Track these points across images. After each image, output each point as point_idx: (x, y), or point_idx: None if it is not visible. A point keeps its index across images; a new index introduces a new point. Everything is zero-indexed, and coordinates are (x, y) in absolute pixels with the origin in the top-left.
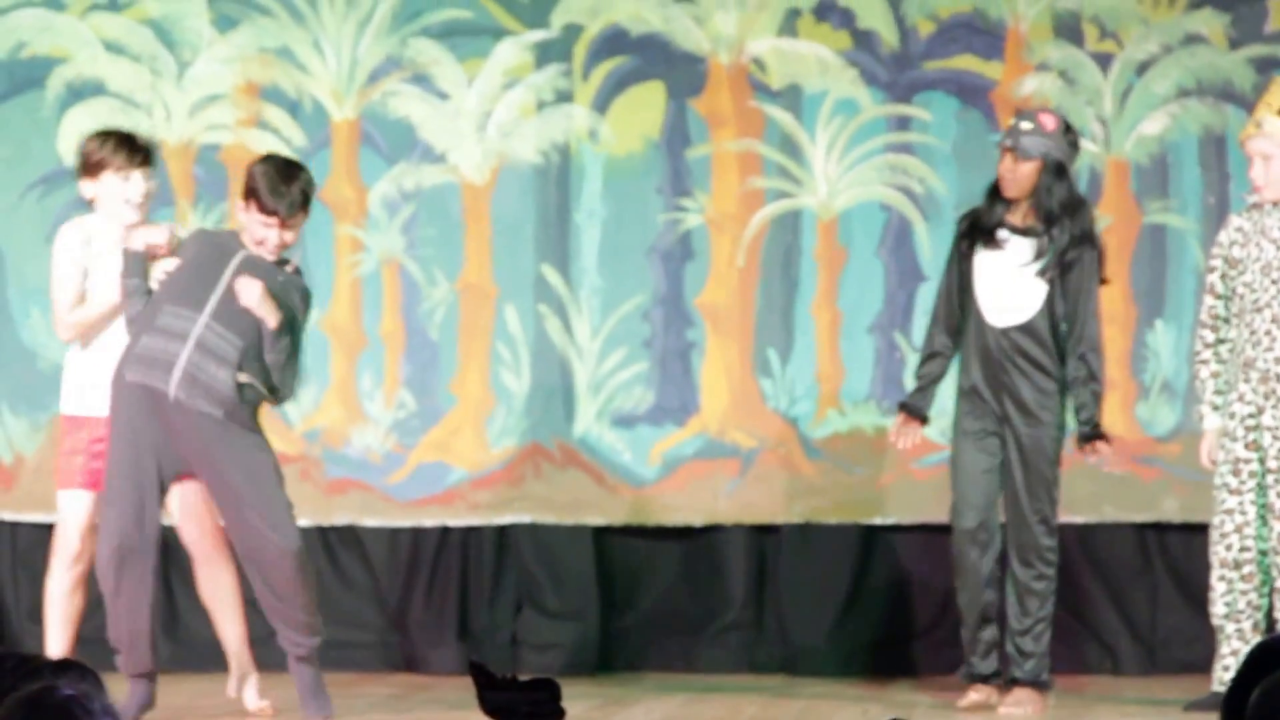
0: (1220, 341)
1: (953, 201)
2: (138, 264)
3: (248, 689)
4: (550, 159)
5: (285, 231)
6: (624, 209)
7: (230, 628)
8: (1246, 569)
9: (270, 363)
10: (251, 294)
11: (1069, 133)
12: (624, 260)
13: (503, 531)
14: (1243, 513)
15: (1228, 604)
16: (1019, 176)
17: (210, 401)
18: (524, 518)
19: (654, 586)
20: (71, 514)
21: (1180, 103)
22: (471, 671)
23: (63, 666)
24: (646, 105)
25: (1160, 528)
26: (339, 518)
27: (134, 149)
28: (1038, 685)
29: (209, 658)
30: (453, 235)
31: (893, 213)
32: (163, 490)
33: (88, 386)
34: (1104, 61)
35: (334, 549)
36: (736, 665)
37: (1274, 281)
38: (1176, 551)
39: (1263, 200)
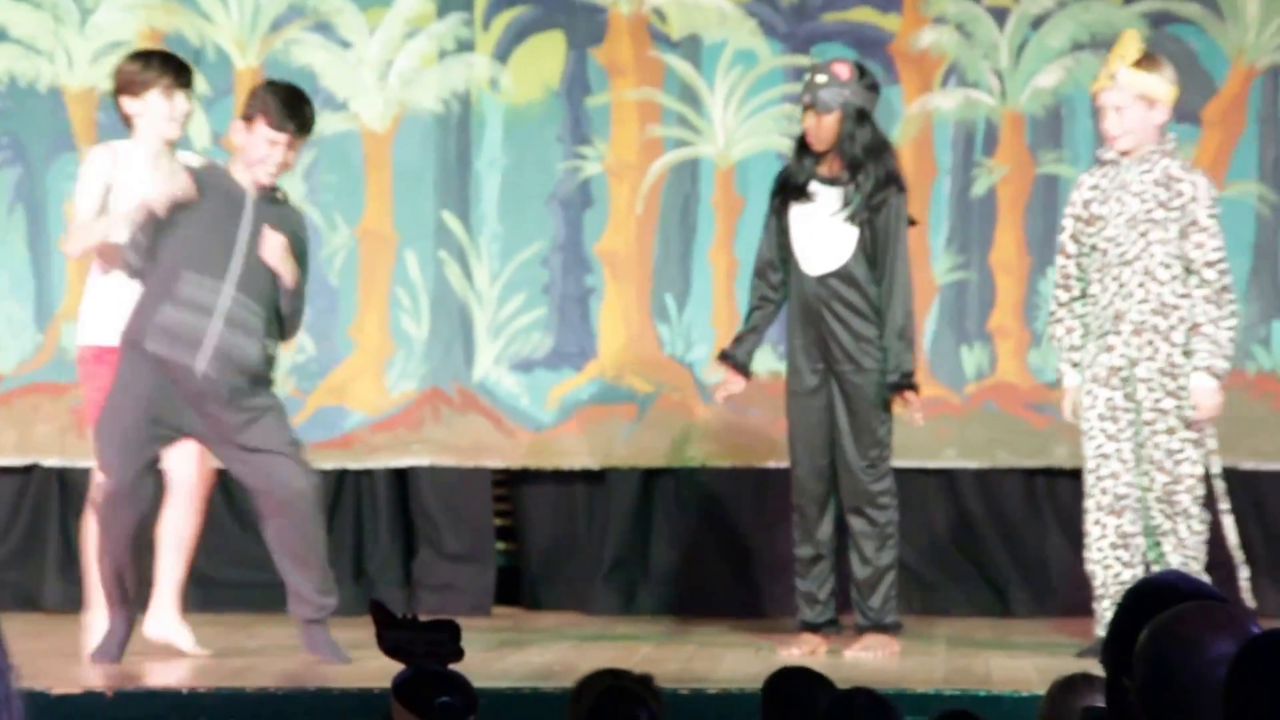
0: (1075, 299)
1: None
2: (151, 220)
3: (181, 632)
4: (451, 107)
5: (290, 152)
6: (524, 157)
7: (176, 571)
8: (1123, 515)
9: (285, 313)
10: (275, 252)
11: (864, 77)
12: (524, 207)
13: (400, 475)
14: (1120, 459)
15: (1101, 550)
16: (822, 130)
17: (240, 374)
18: (422, 461)
19: (550, 529)
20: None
21: (1074, 56)
22: (372, 611)
23: None
24: (547, 54)
25: (1051, 473)
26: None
27: (181, 69)
28: (885, 629)
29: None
30: (354, 182)
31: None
32: (162, 448)
33: (116, 316)
34: (1000, 16)
35: (232, 492)
36: (628, 607)
37: (1141, 234)
38: (1066, 497)
39: (1116, 153)
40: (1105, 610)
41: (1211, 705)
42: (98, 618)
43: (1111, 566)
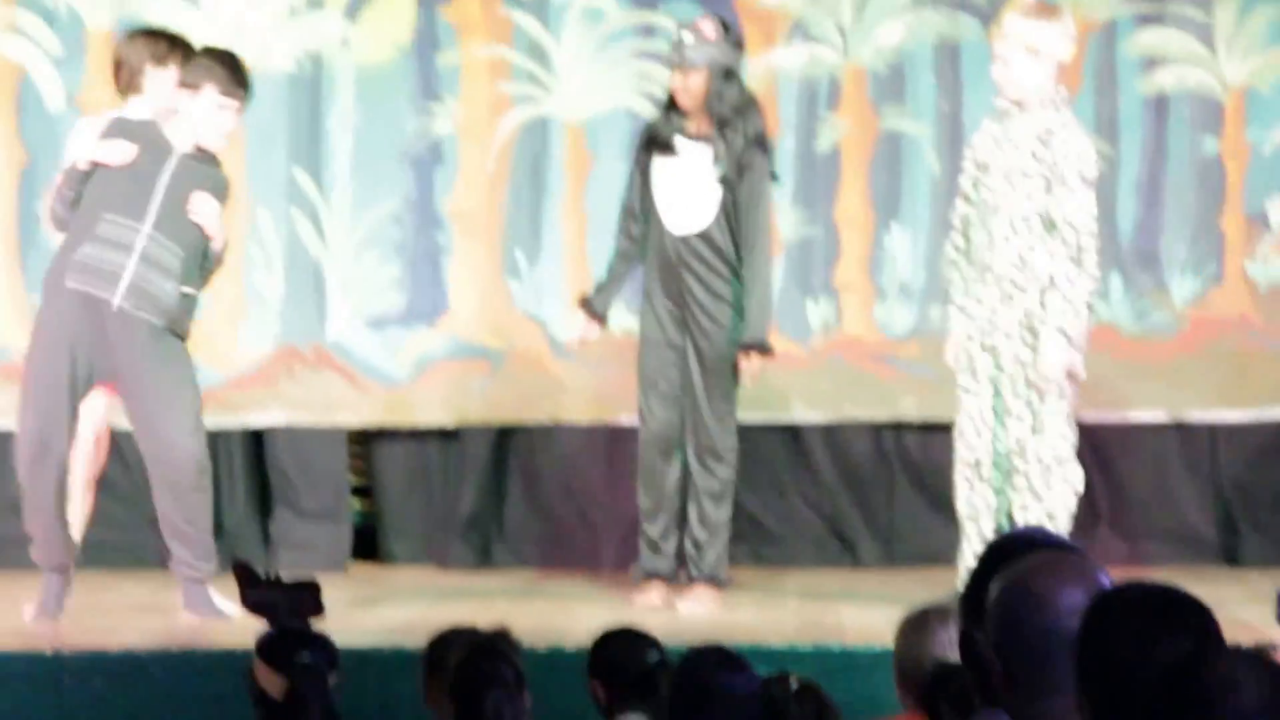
0: (971, 245)
1: None
2: (81, 179)
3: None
4: (303, 66)
5: (237, 117)
6: (375, 115)
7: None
8: (985, 470)
9: (207, 267)
10: (210, 214)
11: (730, 35)
12: (375, 165)
13: (256, 434)
14: (981, 414)
15: (969, 503)
16: (690, 88)
17: (155, 312)
18: (278, 419)
19: (404, 485)
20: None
21: (916, 12)
22: (234, 570)
23: None
24: (396, 12)
25: (898, 426)
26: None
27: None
28: (715, 582)
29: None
30: None
31: (639, 120)
32: (84, 392)
33: None
34: None
35: None
36: (483, 562)
37: (1013, 186)
38: (914, 449)
39: (1008, 102)
40: (969, 561)
41: (1063, 657)
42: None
43: (976, 520)
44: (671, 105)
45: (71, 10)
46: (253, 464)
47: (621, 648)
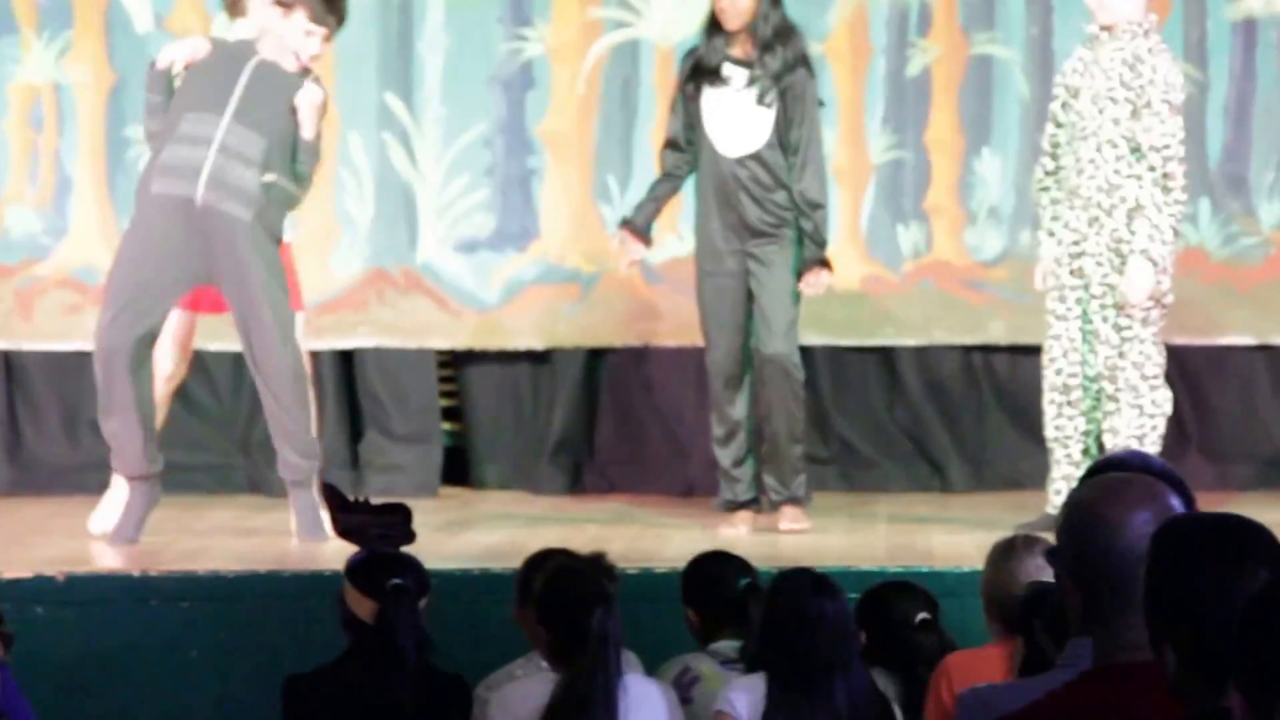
0: (1061, 170)
1: None
2: (163, 80)
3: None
4: None
5: (324, 44)
6: (466, 39)
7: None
8: (1074, 394)
9: (300, 167)
10: (310, 104)
11: None
12: (466, 89)
13: (346, 356)
14: (1070, 338)
15: (1058, 427)
16: (740, 8)
17: (238, 203)
18: (368, 342)
19: (494, 409)
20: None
21: None
22: (324, 494)
23: None
24: None
25: (987, 350)
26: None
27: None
28: (796, 500)
29: (53, 481)
30: None
31: None
32: (171, 301)
33: None
34: None
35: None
36: (573, 487)
37: (1101, 111)
38: (1003, 373)
39: (1097, 28)
40: (1057, 485)
41: (1134, 578)
42: (114, 493)
43: (1065, 445)
44: (713, 28)
45: None
46: (343, 387)
47: (713, 573)
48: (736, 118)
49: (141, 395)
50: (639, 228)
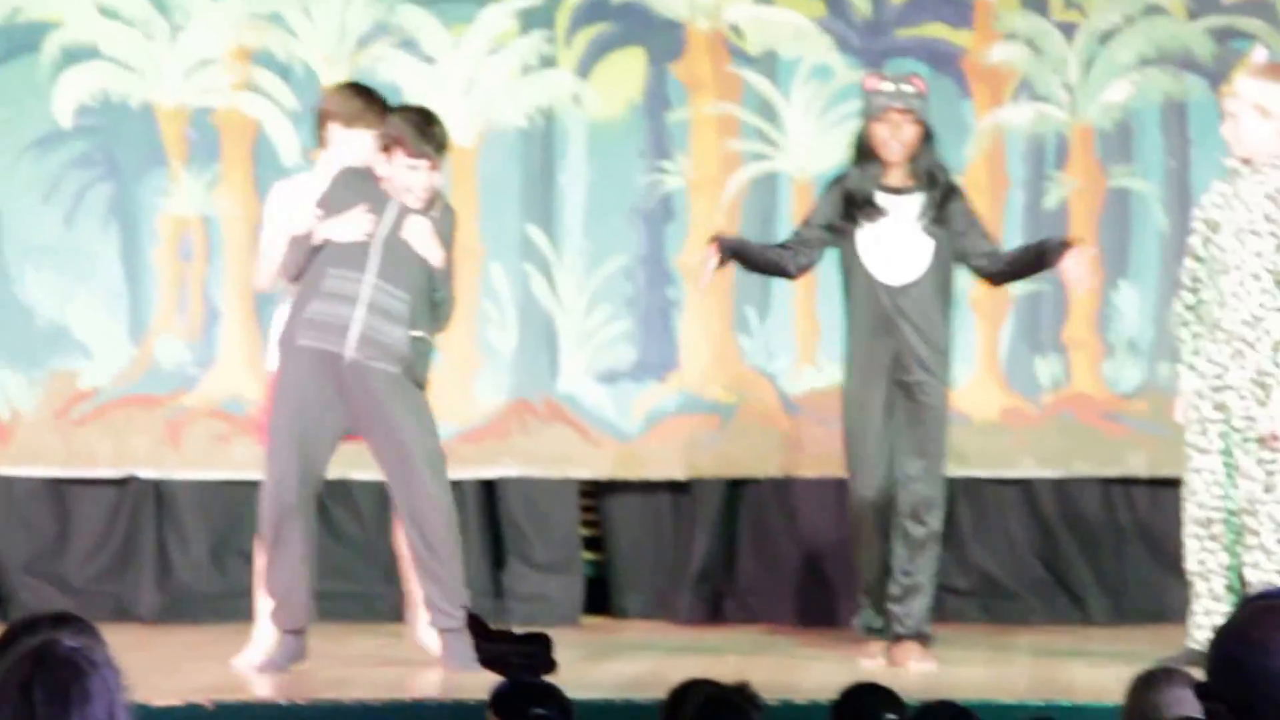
0: (1201, 303)
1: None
2: (311, 252)
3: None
4: (535, 122)
5: (434, 174)
6: (606, 171)
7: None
8: (1215, 528)
9: (437, 300)
10: (419, 234)
11: None
12: (607, 221)
13: (489, 486)
14: (1211, 471)
15: (1200, 561)
16: (907, 138)
17: (388, 359)
18: (510, 471)
19: (636, 539)
20: None
21: (1142, 71)
22: (468, 623)
23: (61, 620)
24: (627, 70)
25: (1127, 482)
26: (331, 471)
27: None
28: (921, 638)
29: (201, 609)
30: None
31: None
32: (331, 451)
33: None
34: (1069, 30)
35: (325, 502)
36: (714, 617)
37: (1243, 244)
38: (1143, 506)
39: (1237, 160)
40: (1199, 620)
41: None
42: (263, 634)
43: (1207, 579)
44: (864, 156)
45: (306, 66)
46: (485, 516)
47: (864, 704)
48: (898, 246)
49: (310, 550)
50: (733, 250)
